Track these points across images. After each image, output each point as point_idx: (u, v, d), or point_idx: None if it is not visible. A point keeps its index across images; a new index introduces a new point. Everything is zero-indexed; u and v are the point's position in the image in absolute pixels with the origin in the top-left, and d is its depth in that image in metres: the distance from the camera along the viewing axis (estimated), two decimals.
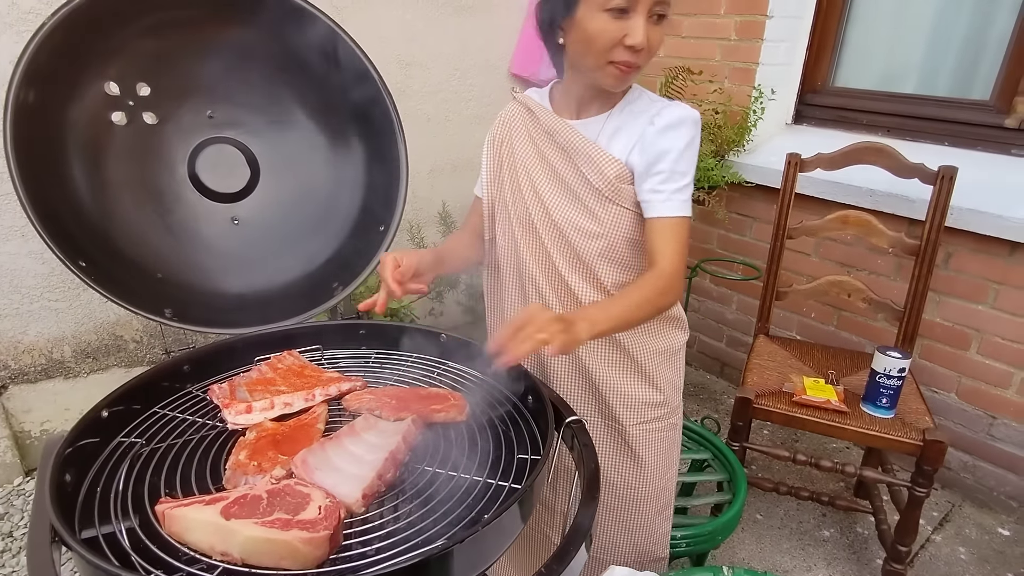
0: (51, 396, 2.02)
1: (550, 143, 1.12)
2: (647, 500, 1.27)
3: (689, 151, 1.03)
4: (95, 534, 0.76)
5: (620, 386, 1.18)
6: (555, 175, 1.12)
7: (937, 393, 2.07)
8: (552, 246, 1.13)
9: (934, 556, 1.83)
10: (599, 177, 1.06)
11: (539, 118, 1.13)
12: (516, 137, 1.17)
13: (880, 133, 2.21)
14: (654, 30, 0.97)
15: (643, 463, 1.24)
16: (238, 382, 1.04)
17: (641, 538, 1.30)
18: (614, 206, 1.07)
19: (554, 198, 1.12)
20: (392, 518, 0.80)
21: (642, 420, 1.21)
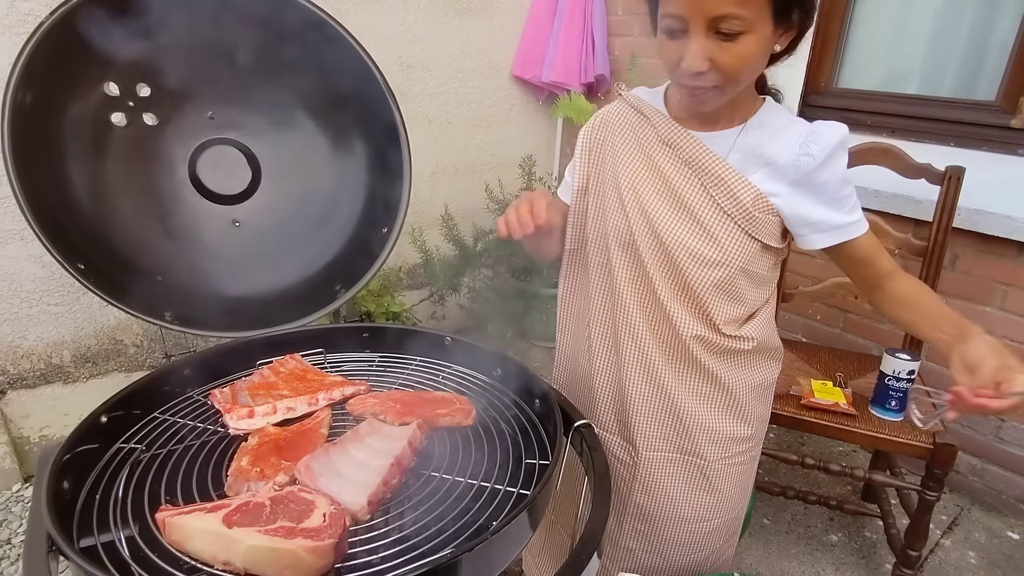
0: (50, 401, 2.00)
1: (669, 155, 1.00)
2: (718, 531, 1.20)
3: (848, 171, 0.97)
4: (94, 543, 0.74)
5: (709, 422, 1.10)
6: (670, 191, 1.00)
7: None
8: (656, 272, 1.02)
9: (943, 561, 1.81)
10: (732, 203, 0.96)
11: (654, 125, 1.01)
12: (621, 143, 1.05)
13: (884, 134, 2.19)
14: (722, 49, 0.84)
15: (720, 495, 1.16)
16: (240, 386, 1.02)
17: (707, 567, 1.24)
18: (742, 234, 0.97)
19: (666, 217, 1.00)
20: (397, 526, 0.78)
21: (727, 455, 1.13)
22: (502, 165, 2.76)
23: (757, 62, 0.88)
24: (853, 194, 0.98)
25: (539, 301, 2.58)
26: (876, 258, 1.02)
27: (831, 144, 0.93)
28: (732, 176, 0.96)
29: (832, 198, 0.96)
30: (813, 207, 0.96)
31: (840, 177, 0.95)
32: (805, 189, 0.95)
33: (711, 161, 0.97)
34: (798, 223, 0.98)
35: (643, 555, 1.22)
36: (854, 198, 0.98)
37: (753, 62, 0.87)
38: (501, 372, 1.10)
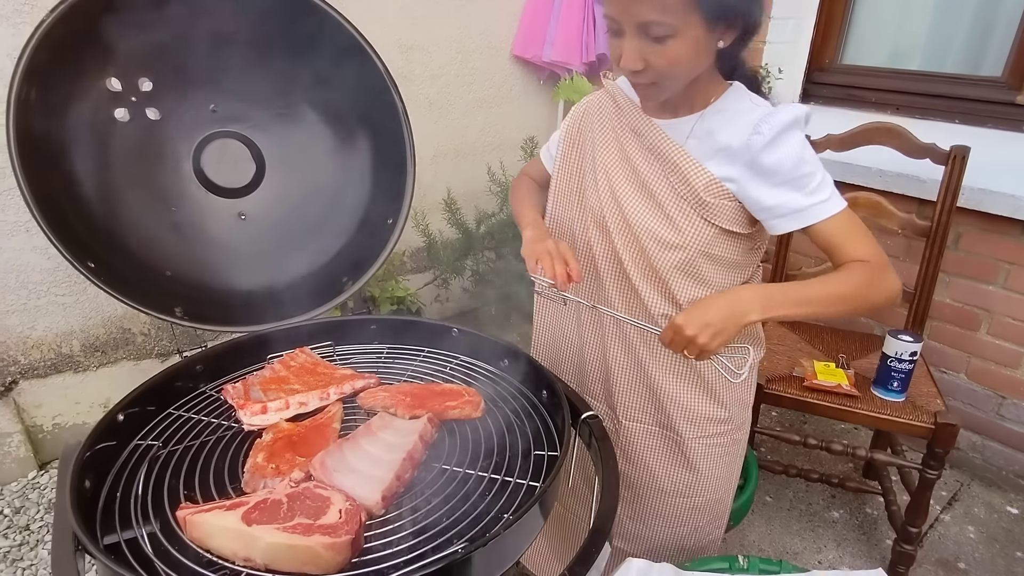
0: (61, 390, 2.03)
1: (636, 143, 1.04)
2: (700, 510, 1.23)
3: (806, 149, 0.94)
4: (117, 540, 0.77)
5: (683, 400, 1.13)
6: (637, 178, 1.04)
7: (946, 374, 2.07)
8: (625, 253, 1.06)
9: (943, 535, 1.85)
10: (684, 186, 0.99)
11: (624, 113, 1.06)
12: (598, 131, 1.10)
13: (889, 111, 2.18)
14: (654, 50, 0.87)
15: (700, 474, 1.19)
16: (252, 381, 1.04)
17: (691, 543, 1.27)
18: (698, 219, 1.00)
19: (633, 203, 1.04)
20: (411, 519, 0.80)
21: (703, 434, 1.16)
22: (503, 147, 2.75)
23: (691, 62, 0.90)
24: (816, 174, 0.95)
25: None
26: (847, 244, 0.95)
27: (781, 123, 0.92)
28: (686, 161, 0.99)
29: (787, 179, 0.94)
30: (768, 190, 0.95)
31: (794, 156, 0.93)
32: (758, 172, 0.95)
33: (668, 147, 1.00)
34: (755, 208, 0.98)
35: (628, 522, 1.27)
36: (818, 179, 0.94)
37: (685, 62, 0.89)
38: (508, 363, 1.12)
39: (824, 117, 2.26)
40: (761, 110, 0.96)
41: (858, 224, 0.96)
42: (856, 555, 1.77)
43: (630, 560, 1.04)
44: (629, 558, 1.05)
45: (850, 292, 0.93)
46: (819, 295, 0.93)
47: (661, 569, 1.04)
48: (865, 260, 0.94)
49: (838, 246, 0.95)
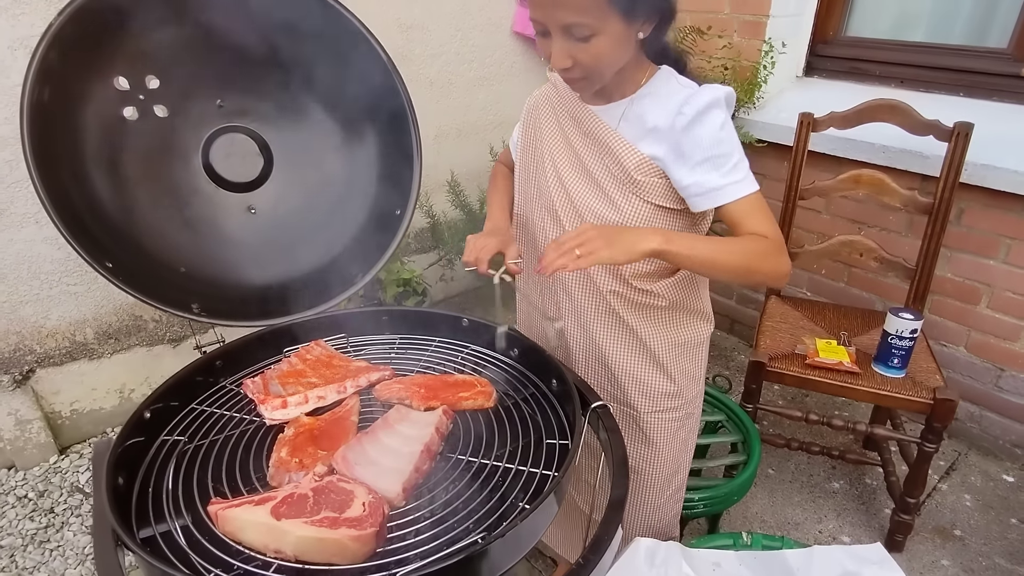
0: (78, 377, 2.07)
1: (576, 129, 1.11)
2: (658, 484, 1.29)
3: (724, 130, 0.98)
4: (152, 533, 0.80)
5: (636, 373, 1.19)
6: (579, 162, 1.10)
7: (946, 347, 2.10)
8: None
9: (940, 504, 1.90)
10: (617, 166, 1.05)
11: (565, 102, 1.12)
12: (544, 119, 1.16)
13: (893, 84, 2.17)
14: (579, 48, 0.92)
15: (656, 449, 1.25)
16: (270, 375, 1.07)
17: (653, 519, 1.33)
18: (634, 196, 1.05)
19: (577, 186, 1.11)
20: (430, 510, 0.84)
21: (657, 409, 1.22)
22: (505, 125, 2.74)
23: (615, 55, 0.95)
24: (732, 155, 0.99)
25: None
26: (750, 221, 1.00)
27: (703, 102, 0.97)
28: (618, 143, 1.05)
29: (704, 158, 0.99)
30: (687, 169, 1.00)
31: (713, 136, 0.98)
32: (680, 151, 1.00)
33: (602, 131, 1.06)
34: (678, 186, 1.03)
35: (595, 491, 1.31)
36: (734, 159, 0.99)
37: (610, 56, 0.95)
38: (518, 352, 1.15)
39: (827, 91, 2.26)
40: (686, 91, 1.01)
41: (765, 206, 1.02)
42: (856, 525, 1.83)
43: (638, 540, 1.09)
44: (637, 538, 1.10)
45: (744, 254, 0.98)
46: (716, 247, 0.97)
47: (668, 548, 1.08)
48: (764, 235, 1.00)
49: (742, 223, 1.01)
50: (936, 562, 1.71)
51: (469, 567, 0.71)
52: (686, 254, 0.94)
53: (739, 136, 2.20)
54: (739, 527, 1.82)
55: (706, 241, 0.98)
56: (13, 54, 1.69)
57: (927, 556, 1.73)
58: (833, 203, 2.24)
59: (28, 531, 1.79)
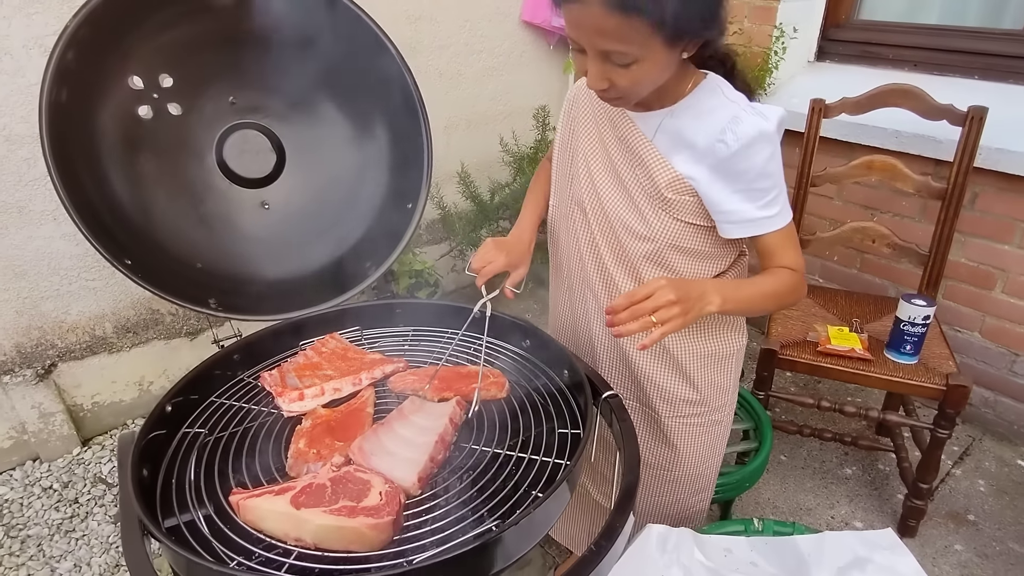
0: (98, 371, 2.11)
1: (612, 133, 1.06)
2: (681, 483, 1.28)
3: (770, 164, 0.95)
4: (176, 523, 0.83)
5: (657, 379, 1.17)
6: (612, 168, 1.06)
7: (960, 332, 2.09)
8: (601, 238, 1.10)
9: (953, 489, 1.90)
10: (649, 182, 1.01)
11: (604, 103, 1.03)
12: (581, 116, 1.11)
13: (906, 68, 2.14)
14: (617, 72, 0.87)
15: (678, 451, 1.24)
16: (287, 368, 1.09)
17: (674, 512, 1.33)
18: (664, 213, 1.02)
19: (609, 191, 1.07)
20: (445, 498, 0.86)
21: (678, 414, 1.20)
22: (515, 115, 2.74)
23: (655, 79, 0.91)
24: (774, 188, 0.97)
25: None
26: (781, 254, 1.01)
27: (748, 136, 0.92)
28: (652, 157, 1.00)
29: (746, 188, 0.96)
30: (727, 196, 0.97)
31: (758, 170, 0.94)
32: (721, 175, 0.96)
33: (637, 141, 1.01)
34: (714, 209, 1.00)
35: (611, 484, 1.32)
36: (774, 192, 0.97)
37: (649, 81, 0.90)
38: (530, 343, 1.16)
39: (840, 75, 2.24)
40: (730, 110, 0.95)
41: (794, 236, 1.02)
42: (868, 510, 1.84)
43: (650, 526, 1.10)
44: (649, 524, 1.11)
45: (779, 297, 1.01)
46: (759, 296, 0.99)
47: (680, 534, 1.10)
48: (793, 269, 1.01)
49: (773, 254, 1.01)
50: (949, 547, 1.71)
51: (484, 554, 0.73)
52: (733, 310, 0.96)
53: None
54: (751, 513, 1.84)
55: (750, 291, 0.99)
56: (28, 53, 1.71)
57: (940, 541, 1.73)
58: (845, 189, 2.23)
59: (54, 521, 1.84)
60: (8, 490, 1.94)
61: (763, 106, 0.95)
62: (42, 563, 1.70)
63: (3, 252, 1.83)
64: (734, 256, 1.12)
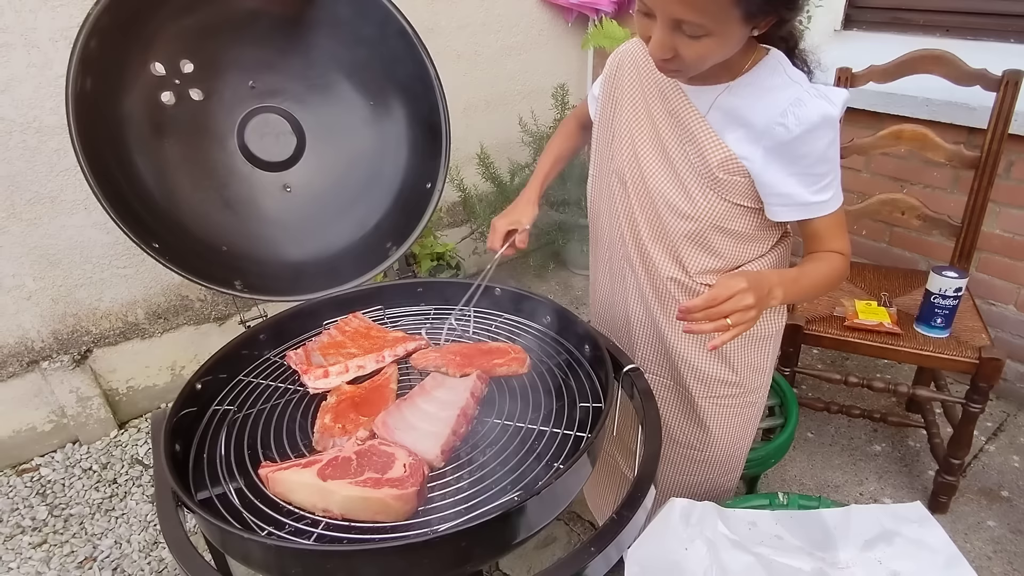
0: (132, 356, 2.17)
1: (661, 105, 1.01)
2: (711, 463, 1.27)
3: (830, 150, 0.92)
4: (209, 495, 0.86)
5: (693, 361, 1.15)
6: (659, 141, 1.02)
7: (995, 305, 2.03)
8: (641, 215, 1.08)
9: (987, 465, 1.87)
10: (700, 160, 0.97)
11: (654, 70, 0.99)
12: (626, 83, 1.06)
13: (938, 34, 2.07)
14: (685, 43, 0.83)
15: (709, 431, 1.22)
16: (311, 347, 1.11)
17: (702, 492, 1.32)
18: (712, 192, 0.99)
19: (653, 166, 1.03)
20: (468, 471, 0.87)
21: (713, 395, 1.18)
22: (534, 94, 2.72)
23: (723, 54, 0.87)
24: (830, 173, 0.95)
25: (577, 231, 2.60)
26: (830, 238, 1.00)
27: (811, 120, 0.89)
28: (705, 134, 0.96)
29: (803, 172, 0.94)
30: (783, 178, 0.94)
31: (818, 155, 0.92)
32: (777, 157, 0.93)
33: (690, 116, 0.98)
34: (766, 191, 0.98)
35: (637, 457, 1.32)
36: (830, 177, 0.95)
37: (717, 56, 0.86)
38: (551, 319, 1.16)
39: (868, 44, 2.17)
40: (793, 91, 0.91)
41: (843, 220, 1.01)
42: (897, 487, 1.81)
43: (673, 500, 1.10)
44: (672, 498, 1.11)
45: (832, 282, 1.01)
46: (815, 286, 1.00)
47: (704, 508, 1.10)
48: (842, 253, 1.01)
49: (823, 238, 1.00)
50: (982, 523, 1.69)
51: (506, 523, 0.74)
52: (792, 300, 0.97)
53: None
54: (777, 489, 1.82)
55: (808, 282, 0.98)
56: (55, 45, 1.75)
57: (972, 517, 1.70)
58: (873, 161, 2.17)
59: (94, 501, 1.91)
60: (51, 471, 2.01)
61: (828, 88, 0.92)
62: (84, 540, 1.77)
63: (38, 242, 1.88)
64: (777, 237, 1.09)
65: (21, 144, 1.78)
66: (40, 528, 1.80)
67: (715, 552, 0.96)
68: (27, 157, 1.79)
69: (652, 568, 0.89)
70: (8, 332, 1.92)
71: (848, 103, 0.93)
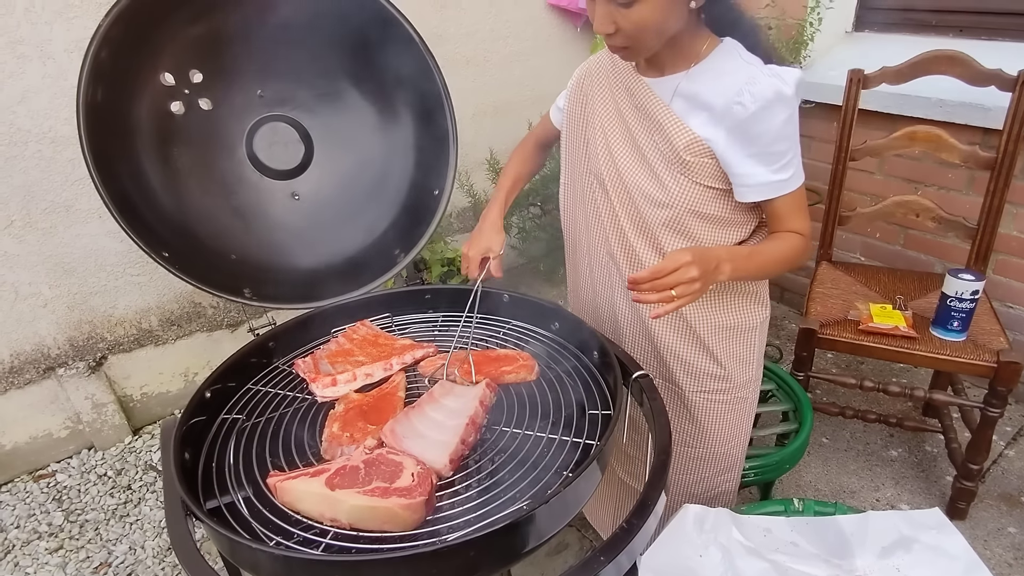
0: (145, 363, 2.19)
1: (628, 101, 1.07)
2: (706, 461, 1.27)
3: (787, 127, 0.95)
4: (217, 504, 0.85)
5: (680, 353, 1.17)
6: (629, 136, 1.07)
7: (1012, 308, 2.00)
8: (621, 209, 1.11)
9: (1006, 471, 1.83)
10: (667, 146, 1.01)
11: (620, 72, 1.08)
12: (597, 89, 1.12)
13: (951, 35, 2.05)
14: (621, 14, 0.89)
15: (702, 427, 1.23)
16: (319, 355, 1.11)
17: (700, 491, 1.32)
18: (682, 177, 1.02)
19: (626, 160, 1.08)
20: (476, 479, 0.86)
21: (703, 389, 1.20)
22: (543, 100, 2.70)
23: (659, 23, 0.91)
24: (790, 151, 0.98)
25: None
26: (790, 218, 1.02)
27: (764, 97, 0.93)
28: (670, 120, 1.01)
29: (762, 151, 0.96)
30: (741, 159, 0.98)
31: (775, 132, 0.95)
32: (737, 138, 0.97)
33: (654, 105, 1.02)
34: (730, 172, 1.00)
35: (639, 464, 1.32)
36: (790, 155, 0.98)
37: (653, 24, 0.90)
38: (559, 326, 1.15)
39: (879, 45, 2.15)
40: (747, 71, 0.95)
41: (804, 201, 1.03)
42: (915, 492, 1.78)
43: (687, 507, 1.09)
44: (686, 504, 1.10)
45: (790, 261, 1.03)
46: (769, 263, 1.02)
47: (718, 514, 1.08)
48: (801, 233, 1.03)
49: (783, 217, 1.03)
50: (1002, 529, 1.65)
51: (516, 532, 0.73)
52: (744, 276, 0.99)
53: None
54: (792, 495, 1.80)
55: (762, 258, 1.01)
56: (69, 56, 1.77)
57: (992, 523, 1.67)
58: (887, 163, 2.15)
59: (109, 506, 1.92)
60: (67, 477, 2.03)
61: (779, 68, 0.96)
62: (99, 546, 1.78)
63: (53, 250, 1.90)
64: (755, 222, 1.11)
65: (37, 154, 1.80)
66: (56, 534, 1.82)
67: (730, 559, 0.95)
68: (43, 167, 1.82)
69: (667, 575, 0.88)
70: (25, 339, 1.94)
71: (802, 85, 0.96)
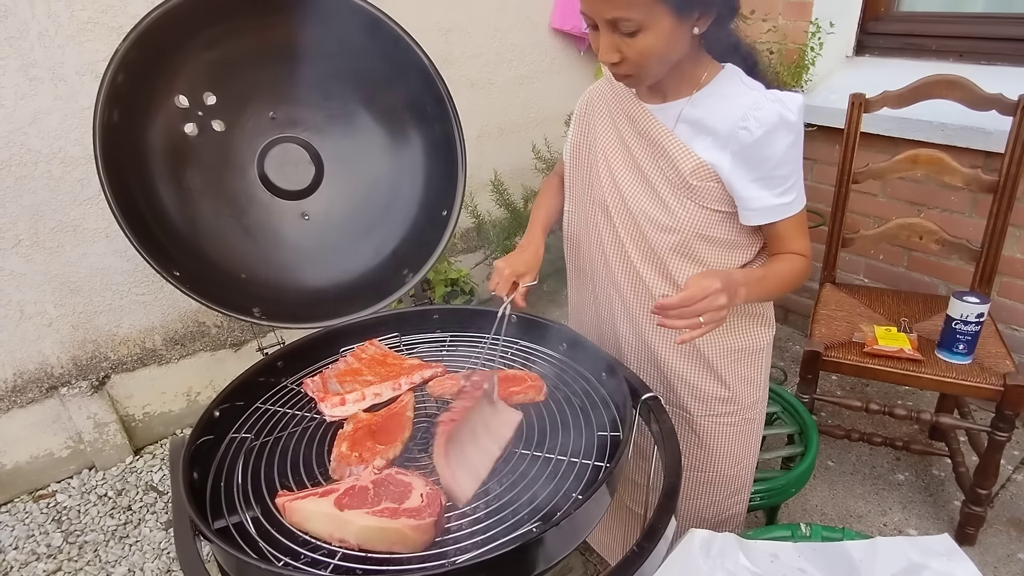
0: (148, 382, 2.19)
1: (630, 128, 1.08)
2: (716, 484, 1.27)
3: (790, 152, 0.97)
4: (226, 524, 0.85)
5: (688, 377, 1.17)
6: (633, 162, 1.07)
7: (1018, 331, 2.00)
8: (626, 235, 1.11)
9: (1015, 495, 1.82)
10: (672, 170, 1.02)
11: (621, 99, 1.08)
12: (598, 117, 1.13)
13: (951, 59, 2.08)
14: (626, 43, 0.90)
15: (711, 451, 1.22)
16: (328, 374, 1.11)
17: (710, 515, 1.31)
18: (689, 201, 1.03)
19: (631, 187, 1.08)
20: (485, 501, 0.86)
21: (711, 412, 1.20)
22: (547, 122, 2.75)
23: (665, 51, 0.92)
24: (793, 175, 0.99)
25: None
26: (791, 239, 1.04)
27: (769, 122, 0.94)
28: (674, 146, 1.01)
29: (767, 176, 0.98)
30: (746, 183, 0.99)
31: (779, 157, 0.96)
32: (742, 162, 0.98)
33: (657, 132, 1.03)
34: (735, 196, 1.01)
35: (642, 490, 1.31)
36: (792, 180, 0.99)
37: (658, 52, 0.92)
38: (567, 347, 1.16)
39: (880, 69, 2.18)
40: (751, 97, 0.96)
41: (805, 222, 1.05)
42: (923, 517, 1.77)
43: (693, 531, 1.08)
44: (692, 529, 1.09)
45: (794, 282, 1.04)
46: (777, 285, 1.03)
47: (724, 539, 1.07)
48: (803, 254, 1.05)
49: (784, 239, 1.04)
50: (1012, 555, 1.63)
51: (525, 555, 0.73)
52: (754, 299, 1.01)
53: None
54: (799, 520, 1.78)
55: (770, 282, 1.02)
56: (81, 79, 1.80)
57: (1002, 549, 1.65)
58: (890, 185, 2.16)
59: (109, 527, 1.90)
60: (67, 497, 2.02)
61: (782, 93, 0.97)
62: (99, 568, 1.76)
63: (60, 269, 1.91)
64: (759, 244, 1.12)
65: (46, 174, 1.82)
66: (55, 555, 1.80)
67: None
68: (51, 187, 1.84)
69: None
70: (29, 358, 1.95)
71: (804, 110, 0.97)
